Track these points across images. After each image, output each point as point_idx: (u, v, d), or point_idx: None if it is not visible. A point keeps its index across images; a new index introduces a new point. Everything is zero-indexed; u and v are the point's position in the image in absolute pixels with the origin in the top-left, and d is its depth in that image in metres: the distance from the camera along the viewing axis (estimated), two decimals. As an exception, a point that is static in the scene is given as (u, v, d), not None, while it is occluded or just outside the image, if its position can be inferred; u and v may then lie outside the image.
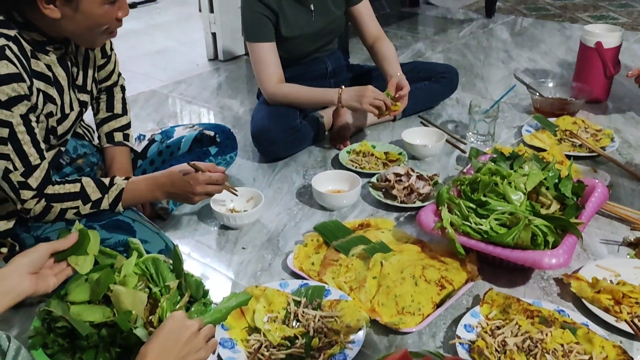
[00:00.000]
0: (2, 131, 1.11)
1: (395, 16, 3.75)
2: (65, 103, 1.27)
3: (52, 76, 1.22)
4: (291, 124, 1.85)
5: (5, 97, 1.09)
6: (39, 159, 1.18)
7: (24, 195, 1.18)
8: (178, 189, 1.33)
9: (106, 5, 1.15)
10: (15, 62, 1.10)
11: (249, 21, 1.85)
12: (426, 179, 1.66)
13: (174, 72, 2.81)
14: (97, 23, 1.17)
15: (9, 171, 1.15)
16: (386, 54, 1.97)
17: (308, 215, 1.61)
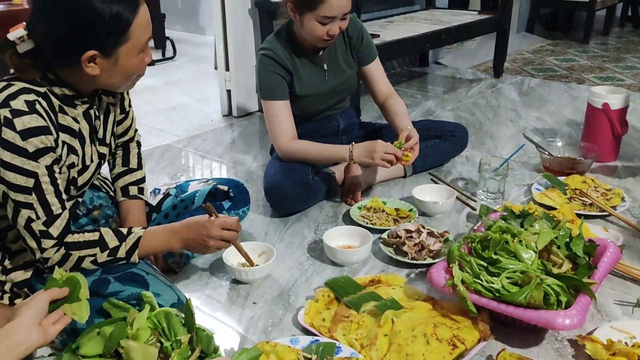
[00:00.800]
0: (28, 181, 1.16)
1: (406, 75, 3.85)
2: (86, 155, 1.32)
3: (78, 129, 1.27)
4: (303, 179, 1.89)
5: (33, 149, 1.14)
6: (60, 208, 1.22)
7: (45, 244, 1.21)
8: (194, 234, 1.35)
9: (140, 54, 1.22)
10: (44, 116, 1.16)
11: (264, 80, 1.91)
12: (437, 235, 1.66)
13: (189, 127, 2.88)
14: (134, 72, 1.24)
15: (31, 220, 1.18)
16: (397, 110, 2.02)
17: (319, 270, 1.61)
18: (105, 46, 1.16)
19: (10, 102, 1.13)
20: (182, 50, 4.62)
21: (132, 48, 1.18)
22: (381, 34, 2.87)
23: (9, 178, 1.15)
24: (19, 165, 1.14)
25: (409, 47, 3.00)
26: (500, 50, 3.64)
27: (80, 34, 1.14)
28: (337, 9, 1.77)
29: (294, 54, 1.93)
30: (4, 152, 1.13)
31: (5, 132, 1.12)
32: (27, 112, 1.13)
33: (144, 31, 1.19)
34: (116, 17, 1.13)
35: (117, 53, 1.17)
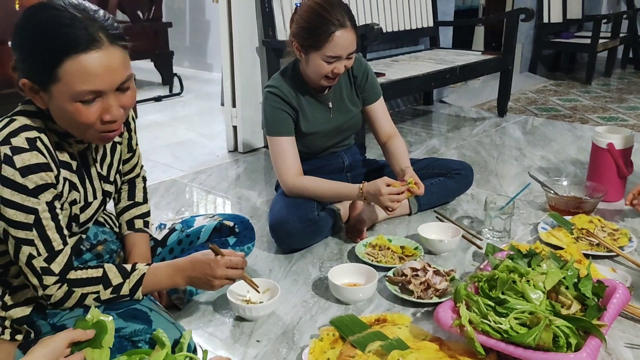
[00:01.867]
0: (28, 217, 1.15)
1: (410, 113, 3.89)
2: (88, 192, 1.31)
3: (77, 165, 1.27)
4: (308, 216, 1.88)
5: (33, 185, 1.13)
6: (62, 244, 1.21)
7: (47, 281, 1.20)
8: (199, 273, 1.34)
9: (78, 103, 1.10)
10: (45, 152, 1.15)
11: (270, 116, 1.93)
12: (443, 274, 1.65)
13: (195, 163, 2.89)
14: (74, 120, 1.13)
15: (32, 257, 1.17)
16: (396, 151, 2.02)
17: (324, 308, 1.59)
18: (37, 77, 1.11)
19: (11, 139, 1.12)
20: (189, 86, 4.68)
21: (63, 92, 1.09)
22: (386, 73, 2.91)
23: (9, 215, 1.14)
24: (19, 202, 1.13)
25: (414, 86, 3.04)
26: (504, 89, 3.68)
27: (20, 55, 1.12)
28: (342, 49, 1.80)
29: (300, 92, 1.95)
30: (4, 189, 1.12)
31: (5, 170, 1.11)
32: (28, 149, 1.13)
33: (80, 80, 1.08)
34: (44, 52, 1.07)
35: (50, 91, 1.10)
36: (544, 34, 5.15)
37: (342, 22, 1.78)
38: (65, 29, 1.07)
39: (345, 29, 1.79)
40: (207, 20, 5.41)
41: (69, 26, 1.07)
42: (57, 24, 1.07)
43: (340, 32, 1.78)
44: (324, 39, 1.78)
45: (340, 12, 1.80)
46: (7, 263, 1.27)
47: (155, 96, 4.32)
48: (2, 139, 1.12)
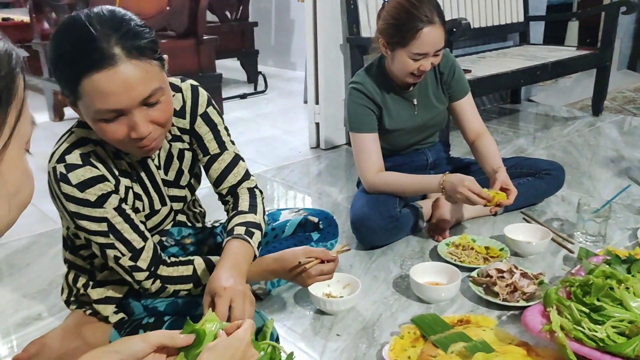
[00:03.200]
0: (101, 225, 1.17)
1: (496, 112, 3.76)
2: (154, 200, 1.31)
3: (137, 174, 1.27)
4: (390, 212, 1.86)
5: (95, 197, 1.15)
6: (142, 241, 1.22)
7: (138, 277, 1.23)
8: (290, 278, 1.36)
9: (101, 122, 1.07)
10: (99, 165, 1.16)
11: (354, 113, 1.93)
12: (531, 277, 1.58)
13: (277, 158, 2.95)
14: (104, 136, 1.10)
15: (118, 258, 1.21)
16: (487, 150, 1.95)
17: (404, 306, 1.57)
18: (66, 93, 1.08)
19: (65, 157, 1.14)
20: (273, 84, 4.77)
21: (86, 111, 1.07)
22: (473, 70, 2.83)
23: (84, 225, 1.17)
24: (88, 214, 1.16)
25: (501, 83, 2.93)
26: (600, 87, 3.47)
27: (54, 69, 1.08)
28: (429, 46, 1.77)
29: (384, 89, 1.93)
30: (69, 204, 1.15)
31: (63, 187, 1.13)
32: (81, 165, 1.14)
33: (97, 99, 1.03)
34: (68, 69, 1.04)
35: (78, 106, 1.08)
36: (645, 28, 4.82)
37: (431, 19, 1.75)
38: (80, 47, 1.02)
39: (434, 26, 1.75)
40: (292, 20, 5.49)
41: (84, 43, 1.02)
42: (76, 42, 1.03)
43: (428, 29, 1.75)
44: (410, 35, 1.75)
45: (429, 8, 1.76)
46: (92, 254, 1.32)
47: (241, 94, 4.45)
48: (58, 157, 1.14)
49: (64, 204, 1.16)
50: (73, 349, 1.33)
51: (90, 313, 1.37)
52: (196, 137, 1.35)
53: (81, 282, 1.35)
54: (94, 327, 1.35)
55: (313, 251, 1.36)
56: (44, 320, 1.55)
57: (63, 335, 1.34)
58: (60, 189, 1.14)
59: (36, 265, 1.86)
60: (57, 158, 1.15)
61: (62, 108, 3.74)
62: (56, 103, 3.68)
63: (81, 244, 1.32)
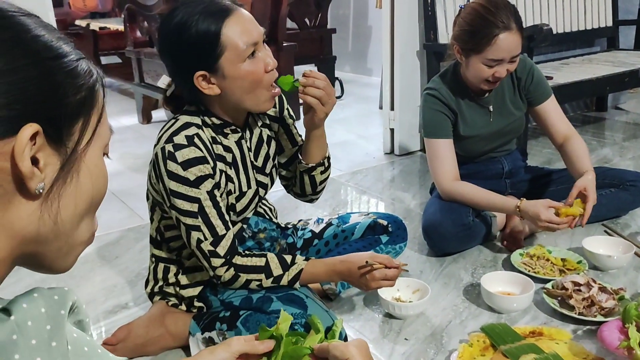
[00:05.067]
0: (192, 206, 1.29)
1: (579, 120, 3.61)
2: (242, 182, 1.42)
3: (231, 157, 1.39)
4: (463, 220, 1.85)
5: (194, 177, 1.27)
6: (224, 229, 1.33)
7: (214, 262, 1.33)
8: (354, 279, 1.40)
9: (245, 62, 1.24)
10: (202, 147, 1.29)
11: (429, 118, 1.93)
12: (610, 292, 1.52)
13: (351, 163, 2.98)
14: (250, 81, 1.26)
15: (200, 241, 1.31)
16: (575, 152, 1.89)
17: (474, 314, 1.56)
18: (206, 63, 1.24)
19: (173, 137, 1.28)
20: (350, 90, 4.82)
21: (232, 58, 1.23)
22: (555, 76, 2.75)
23: (178, 205, 1.29)
24: (184, 193, 1.28)
25: (585, 90, 2.83)
26: (696, 95, 3.26)
27: (180, 59, 1.26)
28: (504, 52, 1.75)
29: (459, 95, 1.93)
30: (171, 182, 1.27)
31: (169, 165, 1.26)
32: (187, 145, 1.27)
33: (239, 38, 1.22)
34: (203, 34, 1.21)
35: (220, 66, 1.24)
36: None
37: (507, 25, 1.73)
38: (207, 10, 1.22)
39: (510, 32, 1.73)
40: (369, 26, 5.53)
41: (210, 5, 1.23)
42: (202, 10, 1.22)
43: (504, 35, 1.73)
44: (486, 42, 1.74)
45: (506, 14, 1.74)
46: (181, 246, 1.45)
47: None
48: (167, 138, 1.28)
49: (164, 182, 1.29)
50: (157, 336, 1.44)
51: (173, 304, 1.47)
52: (284, 125, 1.52)
53: (172, 271, 1.46)
54: (176, 317, 1.45)
55: (378, 257, 1.41)
56: (130, 309, 1.67)
57: (148, 323, 1.44)
58: (166, 166, 1.27)
59: (124, 258, 2.00)
60: (165, 139, 1.29)
61: (150, 111, 3.97)
62: (145, 107, 3.91)
63: (170, 236, 1.43)
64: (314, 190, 1.57)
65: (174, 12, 1.26)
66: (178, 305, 1.48)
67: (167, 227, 1.44)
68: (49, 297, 0.45)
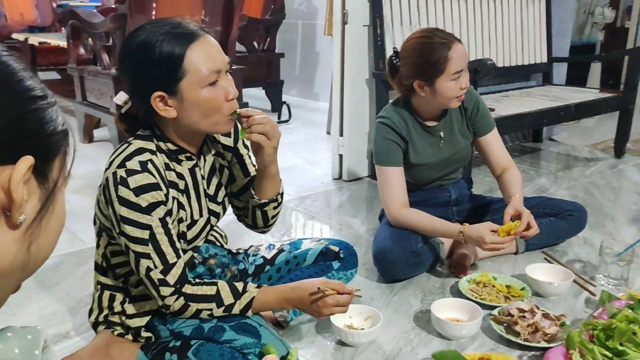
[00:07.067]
0: (143, 233, 1.25)
1: (518, 150, 3.78)
2: (194, 210, 1.39)
3: (184, 184, 1.36)
4: (412, 247, 1.88)
5: (146, 204, 1.24)
6: (175, 257, 1.29)
7: (163, 291, 1.29)
8: (306, 307, 1.39)
9: (206, 89, 1.23)
10: (155, 173, 1.26)
11: (381, 146, 1.97)
12: (553, 318, 1.58)
13: (300, 188, 2.99)
14: (207, 108, 1.25)
15: (149, 269, 1.27)
16: (509, 183, 1.99)
17: (425, 341, 1.58)
18: (165, 84, 1.22)
19: (126, 162, 1.24)
20: (297, 114, 4.85)
21: (193, 82, 1.22)
22: (496, 108, 2.87)
23: (127, 231, 1.25)
24: (135, 219, 1.24)
25: (525, 123, 2.97)
26: (623, 130, 3.49)
27: (140, 78, 1.25)
28: (461, 61, 1.85)
29: (410, 123, 1.98)
30: (122, 207, 1.24)
31: (121, 190, 1.23)
32: (140, 171, 1.24)
33: (202, 63, 1.21)
34: (167, 55, 1.20)
35: (180, 89, 1.22)
36: (669, 72, 4.81)
37: (450, 39, 1.84)
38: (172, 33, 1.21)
39: (455, 43, 1.84)
40: (317, 52, 5.61)
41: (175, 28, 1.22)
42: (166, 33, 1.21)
43: (453, 48, 1.83)
44: (443, 60, 1.82)
45: (441, 33, 1.87)
46: (128, 273, 1.40)
47: (264, 123, 4.51)
48: (119, 163, 1.25)
49: (115, 208, 1.24)
50: (101, 368, 1.36)
51: (119, 334, 1.41)
52: (238, 156, 1.50)
53: (118, 300, 1.40)
54: (122, 346, 1.39)
55: (330, 282, 1.41)
56: (71, 339, 1.59)
57: (92, 354, 1.37)
58: (118, 192, 1.23)
59: (65, 284, 1.91)
60: (118, 163, 1.25)
61: (92, 130, 3.85)
62: (87, 125, 3.79)
63: (117, 262, 1.38)
64: (266, 224, 1.56)
65: (139, 30, 1.24)
66: (124, 335, 1.42)
67: (113, 253, 1.39)
68: (22, 337, 0.43)
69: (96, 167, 3.03)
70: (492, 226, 1.78)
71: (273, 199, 1.50)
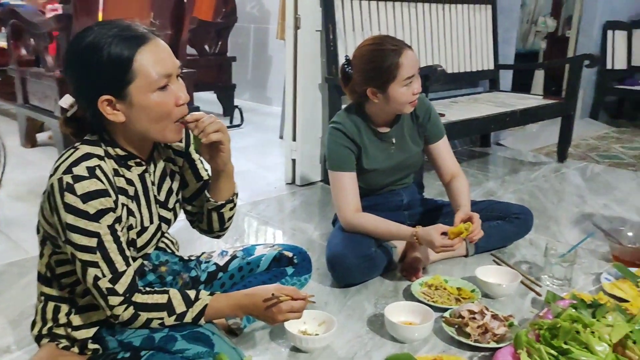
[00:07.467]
0: (91, 241, 1.21)
1: (467, 154, 3.87)
2: (144, 217, 1.36)
3: (134, 191, 1.32)
4: (365, 252, 1.90)
5: (94, 211, 1.20)
6: (124, 265, 1.25)
7: (112, 301, 1.24)
8: (260, 313, 1.37)
9: (155, 93, 1.20)
10: (103, 179, 1.22)
11: (334, 152, 1.98)
12: (501, 319, 1.62)
13: (253, 193, 2.96)
14: (156, 113, 1.22)
15: (98, 278, 1.23)
16: (457, 192, 2.04)
17: (379, 345, 1.59)
18: (113, 88, 1.19)
19: (72, 168, 1.19)
20: (249, 118, 4.81)
21: (143, 86, 1.19)
22: (446, 114, 2.93)
23: (74, 239, 1.20)
24: (82, 227, 1.20)
25: (473, 128, 3.04)
26: (565, 135, 3.63)
27: (87, 80, 1.21)
28: (413, 66, 1.87)
29: (363, 129, 2.00)
30: (68, 215, 1.19)
31: (67, 197, 1.18)
32: (87, 177, 1.19)
33: (152, 67, 1.19)
34: (115, 57, 1.17)
35: (129, 93, 1.19)
36: (607, 80, 5.05)
37: (400, 45, 1.87)
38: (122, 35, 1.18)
39: (405, 49, 1.87)
40: (270, 56, 5.59)
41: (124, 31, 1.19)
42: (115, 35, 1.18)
43: (403, 54, 1.85)
44: (395, 66, 1.84)
45: (392, 40, 1.89)
46: (74, 283, 1.34)
47: (216, 126, 4.46)
48: (65, 168, 1.20)
49: (60, 216, 1.19)
50: (45, 383, 1.31)
51: (64, 347, 1.35)
52: (189, 161, 1.47)
53: (63, 311, 1.35)
54: (68, 360, 1.33)
55: (284, 288, 1.39)
56: (12, 353, 1.52)
57: (35, 369, 1.32)
58: (64, 199, 1.18)
59: (5, 295, 1.82)
60: (63, 170, 1.19)
61: (34, 135, 3.70)
62: (29, 130, 3.64)
63: (62, 272, 1.33)
64: (222, 227, 1.54)
65: (87, 32, 1.20)
66: (70, 347, 1.36)
67: (58, 262, 1.34)
68: None
69: (40, 173, 2.92)
70: (442, 228, 1.81)
71: (229, 200, 1.49)
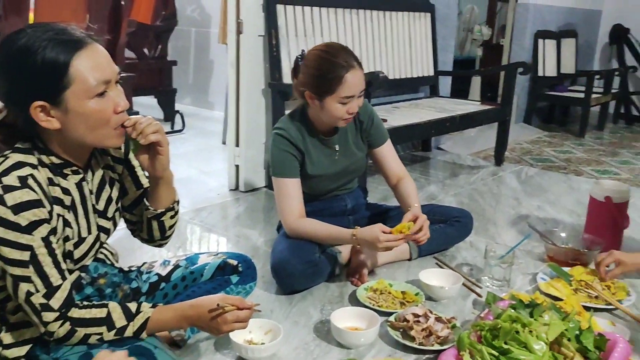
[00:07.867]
0: (23, 254, 1.15)
1: (408, 159, 3.94)
2: (82, 227, 1.30)
3: (71, 200, 1.27)
4: (309, 257, 1.89)
5: (26, 222, 1.14)
6: (60, 279, 1.20)
7: (47, 317, 1.19)
8: (204, 325, 1.34)
9: (93, 100, 1.16)
10: (37, 189, 1.16)
11: (277, 158, 1.97)
12: (444, 321, 1.65)
13: (195, 200, 2.90)
14: (94, 121, 1.17)
15: (30, 294, 1.17)
16: (406, 192, 2.07)
17: (325, 351, 1.59)
18: (48, 93, 1.14)
19: (2, 178, 1.13)
20: (191, 123, 4.72)
21: (79, 92, 1.14)
22: (389, 119, 2.97)
23: (4, 253, 1.14)
24: (13, 240, 1.13)
25: (415, 133, 3.11)
26: (502, 139, 3.76)
27: (18, 85, 1.15)
28: (355, 88, 1.87)
29: (307, 135, 1.99)
30: None
31: None
32: (19, 187, 1.13)
33: (90, 73, 1.14)
34: (50, 62, 1.12)
35: (64, 99, 1.14)
36: (539, 86, 5.28)
37: (350, 64, 1.85)
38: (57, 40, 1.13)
39: (354, 70, 1.86)
40: (211, 60, 5.51)
41: (60, 34, 1.14)
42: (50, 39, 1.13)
43: (350, 74, 1.84)
44: (336, 82, 1.83)
45: (346, 55, 1.87)
46: (4, 299, 1.27)
47: (156, 132, 4.35)
48: None
49: None
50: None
51: (-7, 367, 1.28)
52: (129, 167, 1.42)
53: None
54: (-2, 382, 1.26)
55: (229, 298, 1.37)
56: None
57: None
58: None
59: None
60: None
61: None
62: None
63: None
64: (163, 236, 1.49)
65: (19, 34, 1.14)
66: (1, 366, 1.29)
67: None
68: None
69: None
70: (383, 227, 1.83)
71: (170, 208, 1.45)
